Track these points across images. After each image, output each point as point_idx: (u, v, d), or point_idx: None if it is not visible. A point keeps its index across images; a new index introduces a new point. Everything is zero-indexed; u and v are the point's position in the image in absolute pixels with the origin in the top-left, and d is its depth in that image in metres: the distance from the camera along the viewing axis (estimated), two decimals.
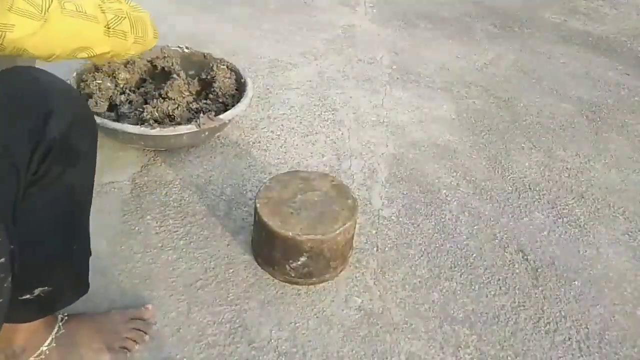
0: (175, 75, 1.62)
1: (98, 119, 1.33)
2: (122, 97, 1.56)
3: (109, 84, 1.57)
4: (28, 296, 0.85)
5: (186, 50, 1.76)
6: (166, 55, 1.71)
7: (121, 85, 1.62)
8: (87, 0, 0.82)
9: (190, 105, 1.57)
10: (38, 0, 0.73)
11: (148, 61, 1.71)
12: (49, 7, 0.74)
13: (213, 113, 1.48)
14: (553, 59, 2.47)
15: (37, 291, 0.85)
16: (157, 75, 1.70)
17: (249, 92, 1.59)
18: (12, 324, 0.88)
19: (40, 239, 0.82)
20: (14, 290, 0.73)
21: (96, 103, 1.51)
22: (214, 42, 2.14)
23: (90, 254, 0.96)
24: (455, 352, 1.10)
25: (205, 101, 1.61)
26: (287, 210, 1.17)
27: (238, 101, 1.56)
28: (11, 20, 0.70)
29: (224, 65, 1.69)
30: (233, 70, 1.70)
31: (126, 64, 1.68)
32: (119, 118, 1.52)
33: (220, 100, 1.62)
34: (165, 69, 1.68)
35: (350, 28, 2.61)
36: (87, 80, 1.56)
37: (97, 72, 1.59)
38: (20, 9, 0.71)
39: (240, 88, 1.65)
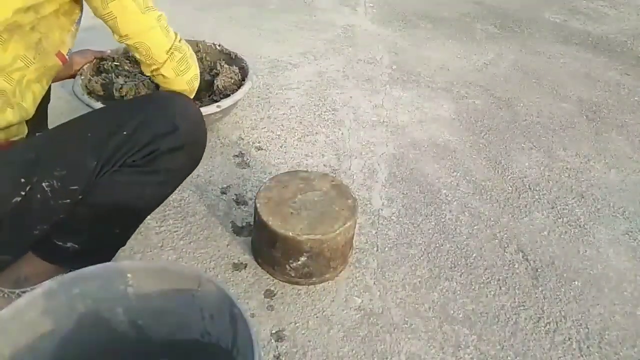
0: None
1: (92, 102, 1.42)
2: (121, 80, 1.56)
3: (127, 67, 1.59)
4: (61, 243, 1.00)
5: (218, 47, 1.80)
6: (200, 49, 1.78)
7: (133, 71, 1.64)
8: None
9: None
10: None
11: None
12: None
13: None
14: (553, 59, 2.47)
15: (69, 244, 1.01)
16: None
17: (237, 94, 1.58)
18: (32, 257, 1.03)
19: (102, 207, 0.97)
20: (54, 231, 0.98)
21: (95, 81, 1.53)
22: (214, 42, 2.13)
23: (124, 245, 1.10)
24: (455, 352, 1.10)
25: None
26: (287, 210, 1.17)
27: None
28: None
29: (233, 66, 1.72)
30: (241, 69, 1.71)
31: None
32: None
33: (221, 96, 1.63)
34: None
35: (350, 28, 2.61)
36: (106, 60, 1.60)
37: (125, 56, 1.66)
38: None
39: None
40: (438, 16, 2.86)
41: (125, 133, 0.92)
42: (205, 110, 1.48)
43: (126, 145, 0.92)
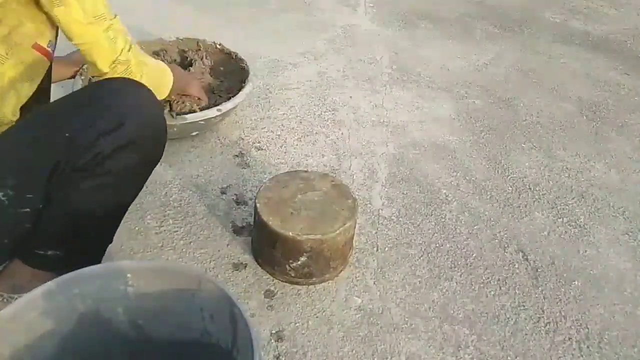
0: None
1: None
2: None
3: None
4: (42, 252, 1.00)
5: (218, 47, 1.79)
6: (200, 48, 1.77)
7: None
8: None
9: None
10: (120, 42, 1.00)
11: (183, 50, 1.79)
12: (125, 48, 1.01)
13: (171, 110, 1.48)
14: (553, 59, 2.47)
15: (50, 252, 1.00)
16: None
17: (237, 97, 1.57)
18: (22, 265, 1.03)
19: (66, 214, 0.95)
20: (33, 242, 0.98)
21: None
22: (214, 41, 2.14)
23: (111, 242, 1.10)
24: (455, 352, 1.10)
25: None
26: (287, 210, 1.17)
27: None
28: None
29: (243, 64, 1.72)
30: (241, 70, 1.71)
31: (159, 51, 1.75)
32: None
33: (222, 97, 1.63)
34: (188, 59, 1.74)
35: (350, 28, 2.61)
36: None
37: None
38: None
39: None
40: (438, 16, 2.86)
41: (67, 135, 0.86)
42: (206, 113, 1.47)
43: (70, 149, 0.87)
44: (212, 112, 1.48)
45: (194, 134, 1.61)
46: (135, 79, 1.02)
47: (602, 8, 3.18)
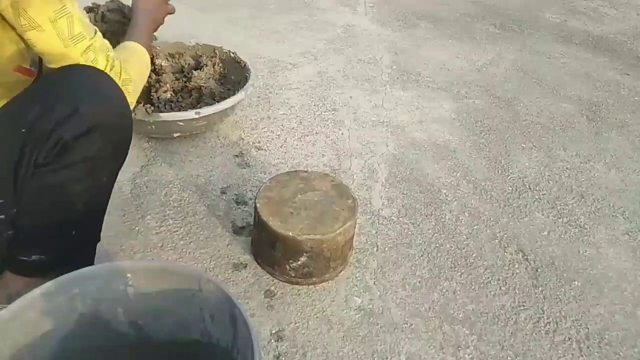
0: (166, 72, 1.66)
1: None
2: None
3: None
4: (25, 258, 0.96)
5: (232, 55, 1.78)
6: (216, 55, 1.77)
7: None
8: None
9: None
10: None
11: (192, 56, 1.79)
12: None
13: (151, 108, 1.48)
14: (553, 59, 2.47)
15: (34, 257, 0.96)
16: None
17: (230, 100, 1.56)
18: (12, 275, 0.99)
19: (41, 215, 0.92)
20: (14, 249, 0.94)
21: None
22: (214, 42, 2.14)
23: (99, 240, 1.04)
24: (455, 352, 1.10)
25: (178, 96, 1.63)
26: (287, 210, 1.17)
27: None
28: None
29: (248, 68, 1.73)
30: (243, 79, 1.71)
31: (174, 54, 1.75)
32: None
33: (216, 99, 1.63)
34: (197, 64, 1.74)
35: (350, 28, 2.61)
36: None
37: None
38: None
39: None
40: (438, 16, 2.86)
41: (24, 130, 0.81)
42: (185, 115, 1.46)
43: (30, 144, 0.82)
44: (190, 114, 1.45)
45: (175, 135, 1.57)
46: (128, 84, 0.97)
47: (602, 8, 3.18)
